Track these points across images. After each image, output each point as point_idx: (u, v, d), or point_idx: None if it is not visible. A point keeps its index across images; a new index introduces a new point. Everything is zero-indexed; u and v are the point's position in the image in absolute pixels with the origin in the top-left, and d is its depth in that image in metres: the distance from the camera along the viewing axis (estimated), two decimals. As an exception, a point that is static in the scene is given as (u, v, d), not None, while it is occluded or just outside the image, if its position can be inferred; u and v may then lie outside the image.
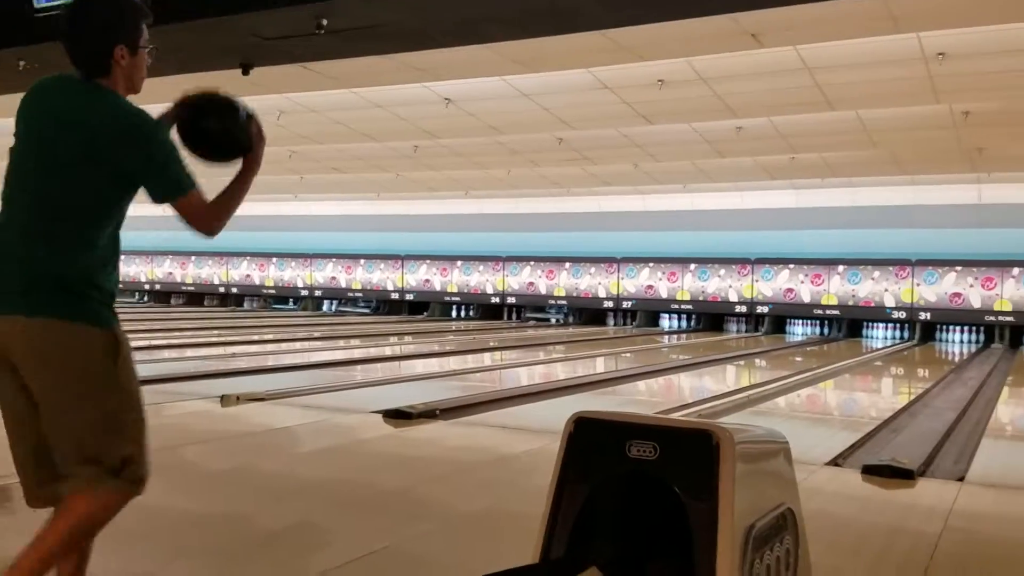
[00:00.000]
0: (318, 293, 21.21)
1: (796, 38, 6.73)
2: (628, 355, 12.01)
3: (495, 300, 19.18)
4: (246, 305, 22.24)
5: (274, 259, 21.68)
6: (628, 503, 1.59)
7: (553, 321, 18.71)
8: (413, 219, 19.55)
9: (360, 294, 20.66)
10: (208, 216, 2.05)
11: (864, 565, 3.03)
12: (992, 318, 14.63)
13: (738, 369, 10.87)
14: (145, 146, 1.97)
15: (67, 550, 1.98)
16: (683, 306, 17.31)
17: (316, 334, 13.97)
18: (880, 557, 3.12)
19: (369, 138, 11.93)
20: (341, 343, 12.72)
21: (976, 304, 14.71)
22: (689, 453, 1.52)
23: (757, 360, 11.91)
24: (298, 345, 11.72)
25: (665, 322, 17.83)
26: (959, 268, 14.83)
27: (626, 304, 17.86)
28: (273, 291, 21.81)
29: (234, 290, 22.25)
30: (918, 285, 15.12)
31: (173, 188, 2.00)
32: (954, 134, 10.33)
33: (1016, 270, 14.44)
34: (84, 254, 1.97)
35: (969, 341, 14.97)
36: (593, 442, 1.58)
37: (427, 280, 19.78)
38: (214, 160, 2.13)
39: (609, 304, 18.01)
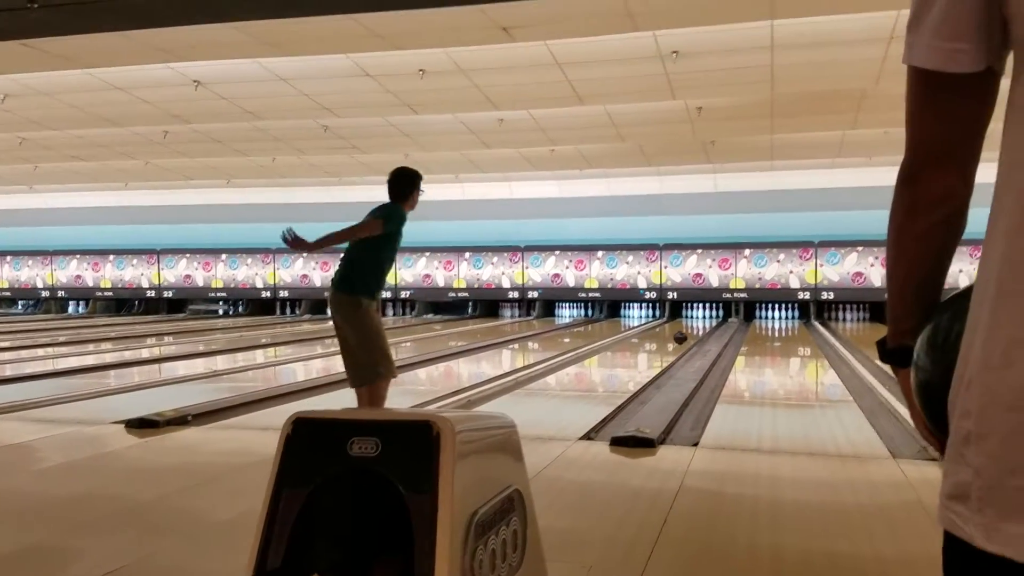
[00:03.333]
0: (62, 294, 19.28)
1: (545, 33, 7.01)
2: (408, 344, 12.03)
3: (266, 295, 18.45)
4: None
5: (8, 257, 19.44)
6: (352, 503, 1.56)
7: (220, 313, 18.70)
8: (169, 210, 18.28)
9: (110, 293, 19.01)
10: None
11: (609, 527, 3.25)
12: (728, 295, 16.26)
13: (512, 352, 11.24)
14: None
15: None
16: (460, 294, 17.63)
17: (61, 339, 12.69)
18: (623, 518, 3.36)
19: (111, 123, 10.96)
20: (90, 347, 11.65)
21: (715, 283, 16.28)
22: (410, 446, 1.51)
23: (529, 343, 12.39)
24: (40, 352, 10.55)
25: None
26: (700, 251, 16.34)
27: (405, 294, 17.90)
28: (8, 293, 19.54)
29: (-41, 294, 19.72)
30: (666, 267, 16.48)
31: None
32: (690, 128, 11.28)
33: (748, 251, 16.13)
34: None
35: (710, 316, 16.53)
36: (313, 443, 1.54)
37: (188, 276, 18.59)
38: None
39: (387, 294, 17.96)
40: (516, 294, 17.37)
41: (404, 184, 4.87)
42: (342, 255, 4.83)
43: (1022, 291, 0.77)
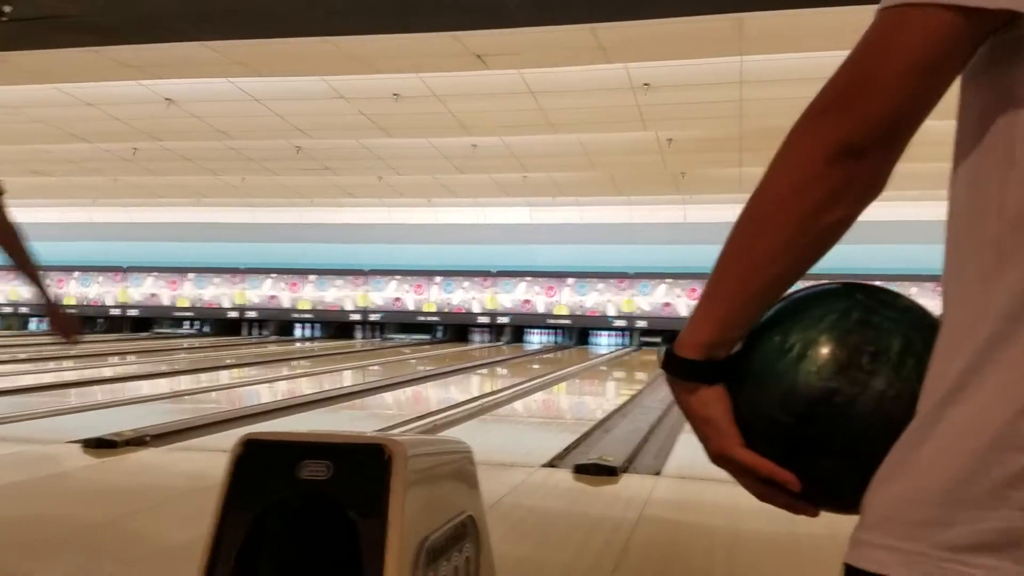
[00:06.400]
0: (24, 310, 18.92)
1: (519, 62, 7.09)
2: (376, 368, 11.96)
3: (233, 315, 18.25)
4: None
5: (-33, 272, 19.05)
6: (300, 528, 1.55)
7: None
8: (136, 227, 18.07)
9: (74, 310, 18.70)
10: None
11: (567, 555, 3.24)
12: (697, 324, 16.34)
13: (480, 378, 11.20)
14: None
15: None
16: (430, 318, 17.58)
17: (21, 356, 12.44)
18: (582, 547, 3.35)
19: (79, 139, 10.86)
20: (51, 365, 11.43)
21: (683, 312, 16.39)
22: (361, 470, 1.50)
23: (498, 368, 12.36)
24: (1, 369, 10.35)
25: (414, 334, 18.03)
26: (669, 280, 16.45)
27: (374, 316, 17.81)
28: (-34, 309, 19.17)
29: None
30: (635, 296, 16.57)
31: None
32: (660, 159, 11.43)
33: (716, 281, 16.27)
34: None
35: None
36: (262, 465, 1.52)
37: (154, 294, 18.35)
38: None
39: (356, 317, 17.85)
40: (486, 319, 17.35)
41: None
42: None
43: None
